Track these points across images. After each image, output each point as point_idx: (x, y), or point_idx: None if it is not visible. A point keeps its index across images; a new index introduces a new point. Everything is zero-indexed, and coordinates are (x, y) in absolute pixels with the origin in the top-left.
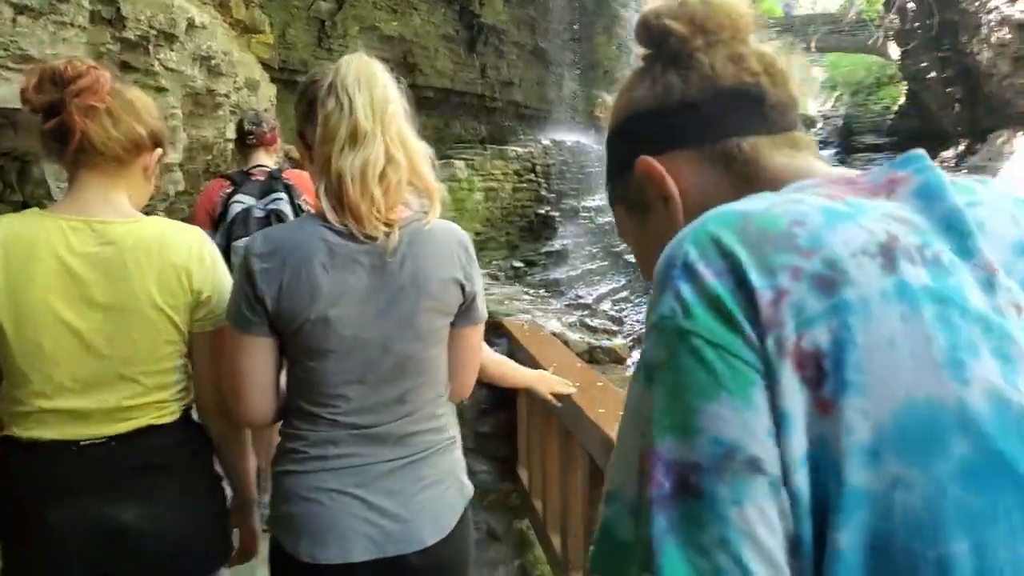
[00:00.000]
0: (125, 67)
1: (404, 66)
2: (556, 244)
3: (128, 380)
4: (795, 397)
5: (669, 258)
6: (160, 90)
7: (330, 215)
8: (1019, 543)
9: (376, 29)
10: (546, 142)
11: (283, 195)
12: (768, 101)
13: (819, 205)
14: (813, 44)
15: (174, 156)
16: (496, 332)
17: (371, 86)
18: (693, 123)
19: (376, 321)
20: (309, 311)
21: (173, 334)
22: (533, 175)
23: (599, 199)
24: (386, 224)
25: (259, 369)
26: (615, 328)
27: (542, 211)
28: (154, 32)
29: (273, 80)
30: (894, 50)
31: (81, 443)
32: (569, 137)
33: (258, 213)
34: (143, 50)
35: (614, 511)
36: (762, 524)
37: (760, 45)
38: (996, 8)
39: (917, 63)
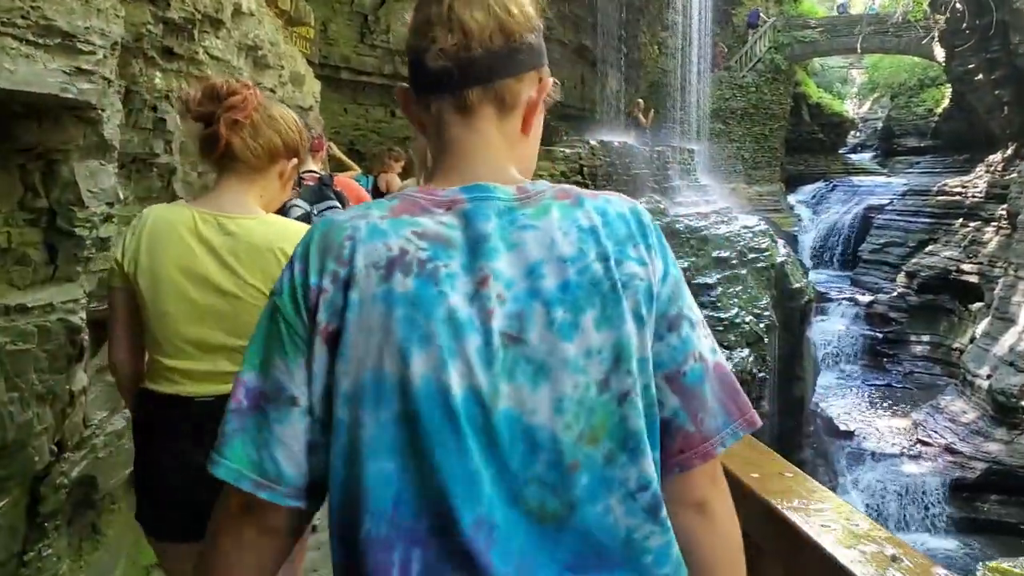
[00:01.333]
0: (167, 54)
1: None
2: None
3: (234, 351)
4: (321, 361)
5: (295, 249)
6: (204, 81)
7: None
8: (421, 463)
9: None
10: (593, 143)
11: (334, 200)
12: (435, 69)
13: (372, 223)
14: (859, 45)
15: None
16: None
17: None
18: (409, 73)
19: None
20: None
21: None
22: (580, 177)
23: (644, 202)
24: None
25: None
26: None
27: None
28: (200, 16)
29: (315, 76)
30: (940, 51)
31: (195, 399)
32: (615, 138)
33: (316, 219)
34: (187, 35)
35: None
36: (292, 436)
37: (463, 6)
38: None
39: (964, 65)
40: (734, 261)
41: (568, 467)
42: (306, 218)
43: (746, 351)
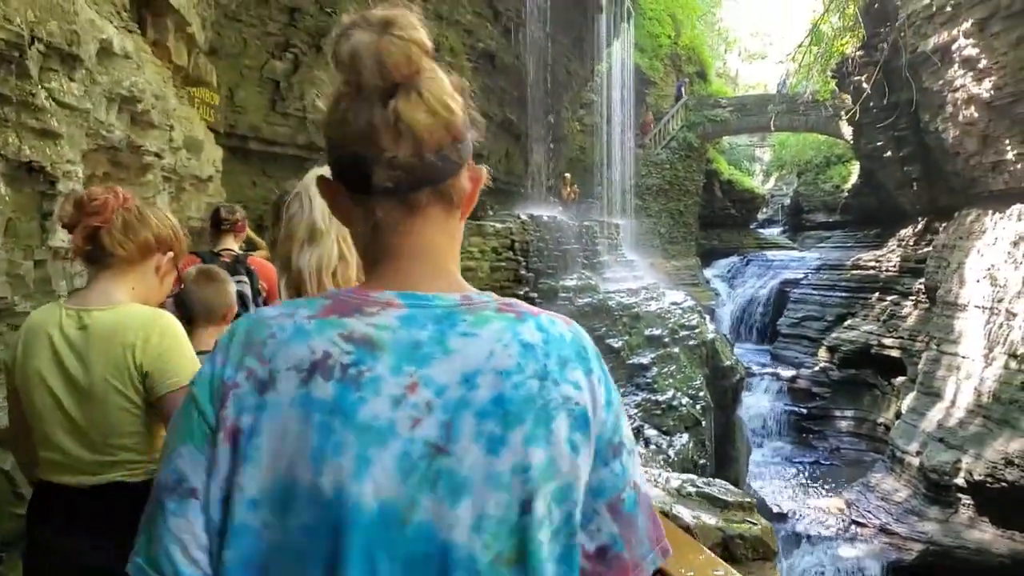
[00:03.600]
0: None
1: None
2: None
3: (96, 441)
4: (224, 457)
5: (218, 339)
6: (47, 135)
7: None
8: (332, 572)
9: None
10: (524, 217)
11: (245, 278)
12: (384, 173)
13: (299, 323)
14: (772, 123)
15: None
16: None
17: None
18: (339, 169)
19: None
20: None
21: (126, 404)
22: (511, 253)
23: (576, 279)
24: None
25: None
26: (746, 499)
27: (521, 292)
28: (41, 45)
29: (218, 144)
30: (847, 130)
31: (69, 488)
32: (542, 212)
33: None
34: (17, 69)
35: None
36: (187, 531)
37: (409, 106)
38: (963, 87)
39: (873, 142)
40: (666, 339)
41: None
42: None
43: (685, 436)
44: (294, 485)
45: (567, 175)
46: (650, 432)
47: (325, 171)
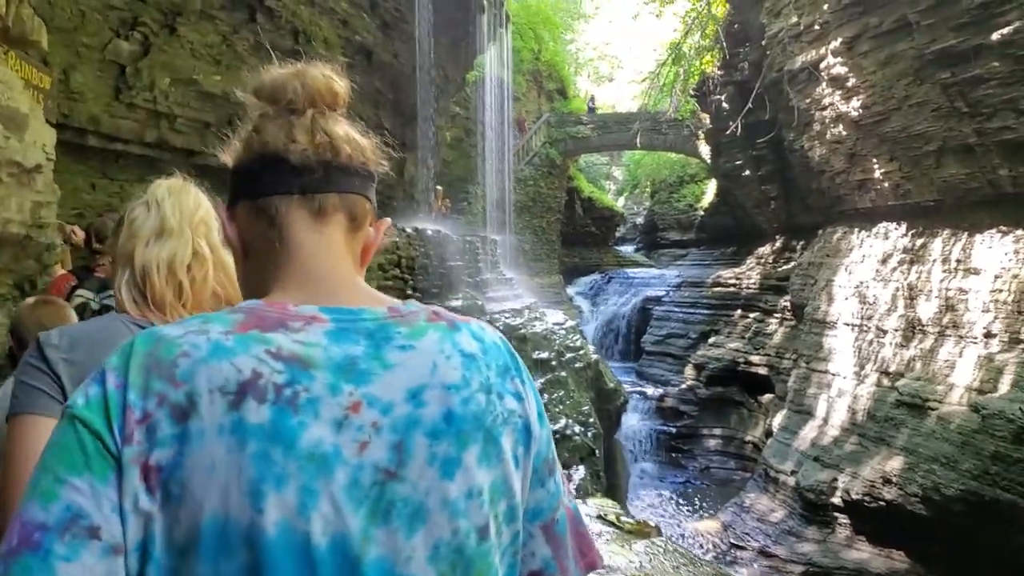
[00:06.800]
0: None
1: (230, 131)
2: None
3: None
4: (137, 498)
5: (103, 361)
6: None
7: (129, 307)
8: None
9: (194, 83)
10: (409, 230)
11: None
12: (296, 166)
13: (215, 339)
14: (638, 141)
15: None
16: None
17: (180, 196)
18: (245, 180)
19: None
20: None
21: None
22: (398, 270)
23: (462, 299)
24: None
25: None
26: None
27: None
28: None
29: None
30: (705, 149)
31: None
32: (417, 224)
33: (94, 306)
34: None
35: None
36: None
37: (327, 120)
38: (831, 105)
39: (731, 161)
40: (554, 363)
41: None
42: (83, 308)
43: (582, 469)
44: (226, 525)
45: (439, 187)
46: None
47: (173, 181)
